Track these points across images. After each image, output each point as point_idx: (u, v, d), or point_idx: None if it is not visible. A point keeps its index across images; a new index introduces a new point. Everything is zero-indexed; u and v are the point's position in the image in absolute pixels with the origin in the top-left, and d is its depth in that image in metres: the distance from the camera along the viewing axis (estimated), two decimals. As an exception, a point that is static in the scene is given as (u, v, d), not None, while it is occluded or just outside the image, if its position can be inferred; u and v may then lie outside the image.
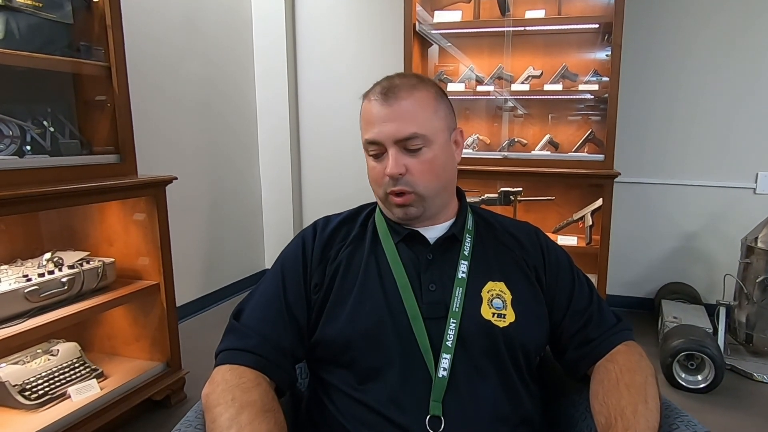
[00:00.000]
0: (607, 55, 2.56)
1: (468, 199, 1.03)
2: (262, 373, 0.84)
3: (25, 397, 1.63)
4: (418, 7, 2.72)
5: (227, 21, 3.15)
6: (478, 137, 2.88)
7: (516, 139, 2.83)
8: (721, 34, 2.73)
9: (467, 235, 0.95)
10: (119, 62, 1.83)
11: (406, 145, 0.87)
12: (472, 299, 0.88)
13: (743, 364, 2.34)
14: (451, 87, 2.78)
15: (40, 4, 1.66)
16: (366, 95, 0.92)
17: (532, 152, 2.76)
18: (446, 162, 0.92)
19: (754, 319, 2.32)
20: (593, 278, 2.52)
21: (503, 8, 2.65)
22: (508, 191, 2.72)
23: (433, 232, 0.95)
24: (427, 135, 0.88)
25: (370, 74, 3.56)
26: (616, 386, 0.82)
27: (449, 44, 2.91)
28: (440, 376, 0.82)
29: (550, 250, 0.98)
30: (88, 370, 1.83)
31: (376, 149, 0.89)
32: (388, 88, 0.88)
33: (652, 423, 0.76)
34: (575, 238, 2.67)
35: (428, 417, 0.81)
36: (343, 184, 3.47)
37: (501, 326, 0.87)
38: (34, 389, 1.67)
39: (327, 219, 1.01)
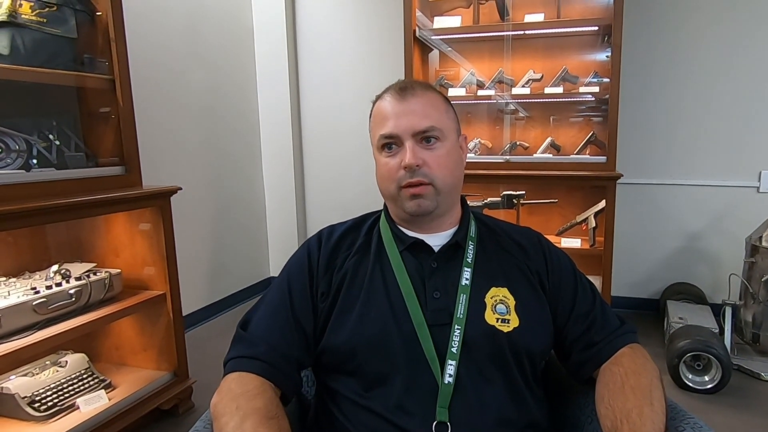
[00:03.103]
0: (607, 57, 2.56)
1: (470, 204, 1.04)
2: (268, 380, 0.85)
3: (34, 408, 1.64)
4: (418, 13, 2.73)
5: (229, 28, 3.18)
6: (479, 141, 2.89)
7: (518, 143, 2.84)
8: (722, 32, 2.73)
9: (470, 243, 0.96)
10: (123, 74, 1.85)
11: (423, 137, 0.90)
12: (476, 305, 0.89)
13: (750, 363, 2.33)
14: (452, 92, 2.79)
15: (44, 20, 1.68)
16: (379, 97, 0.97)
17: (534, 155, 2.76)
18: (457, 161, 0.96)
19: (760, 318, 2.31)
20: (598, 280, 2.53)
21: (502, 12, 2.66)
22: (511, 195, 2.73)
23: (437, 240, 0.96)
24: (443, 129, 0.92)
25: (371, 80, 3.60)
26: (621, 389, 0.82)
27: (449, 49, 2.92)
28: (446, 382, 0.83)
29: (553, 254, 0.99)
30: (96, 380, 1.84)
31: (391, 143, 0.92)
32: (403, 87, 0.93)
33: (658, 425, 0.76)
34: (579, 241, 2.67)
35: (435, 423, 0.81)
36: (346, 189, 3.48)
37: (505, 331, 0.87)
38: (43, 401, 1.68)
39: (331, 228, 1.02)
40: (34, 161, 1.71)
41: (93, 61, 1.83)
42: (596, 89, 2.61)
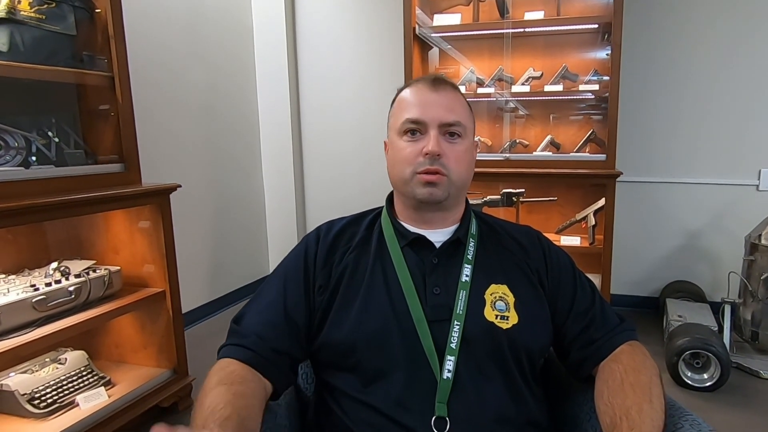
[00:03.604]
0: (607, 55, 2.56)
1: (470, 201, 1.04)
2: (253, 369, 0.85)
3: (33, 405, 1.65)
4: (418, 11, 2.73)
5: (229, 28, 3.17)
6: (479, 139, 2.89)
7: (517, 141, 2.84)
8: (722, 32, 2.73)
9: (471, 240, 0.96)
10: (122, 72, 1.84)
11: (449, 130, 0.92)
12: (476, 302, 0.89)
13: (749, 361, 2.34)
14: (452, 90, 2.79)
15: (43, 16, 1.68)
16: (407, 85, 0.98)
17: (534, 153, 2.76)
18: (471, 160, 0.97)
19: (759, 316, 2.31)
20: (597, 278, 2.53)
21: (502, 10, 2.66)
22: (511, 192, 2.73)
23: (438, 236, 0.96)
24: (465, 127, 0.94)
25: (370, 79, 3.59)
26: (620, 386, 0.82)
27: (449, 47, 2.92)
28: (445, 377, 0.83)
29: (552, 252, 0.99)
30: (95, 378, 1.84)
31: (415, 128, 0.92)
32: (436, 79, 0.96)
33: (657, 422, 0.76)
34: (578, 239, 2.67)
35: (434, 418, 0.82)
36: (346, 188, 3.48)
37: (504, 328, 0.87)
38: (43, 398, 1.68)
39: (331, 223, 1.02)
40: (33, 158, 1.71)
41: (92, 58, 1.82)
42: (596, 87, 2.61)
